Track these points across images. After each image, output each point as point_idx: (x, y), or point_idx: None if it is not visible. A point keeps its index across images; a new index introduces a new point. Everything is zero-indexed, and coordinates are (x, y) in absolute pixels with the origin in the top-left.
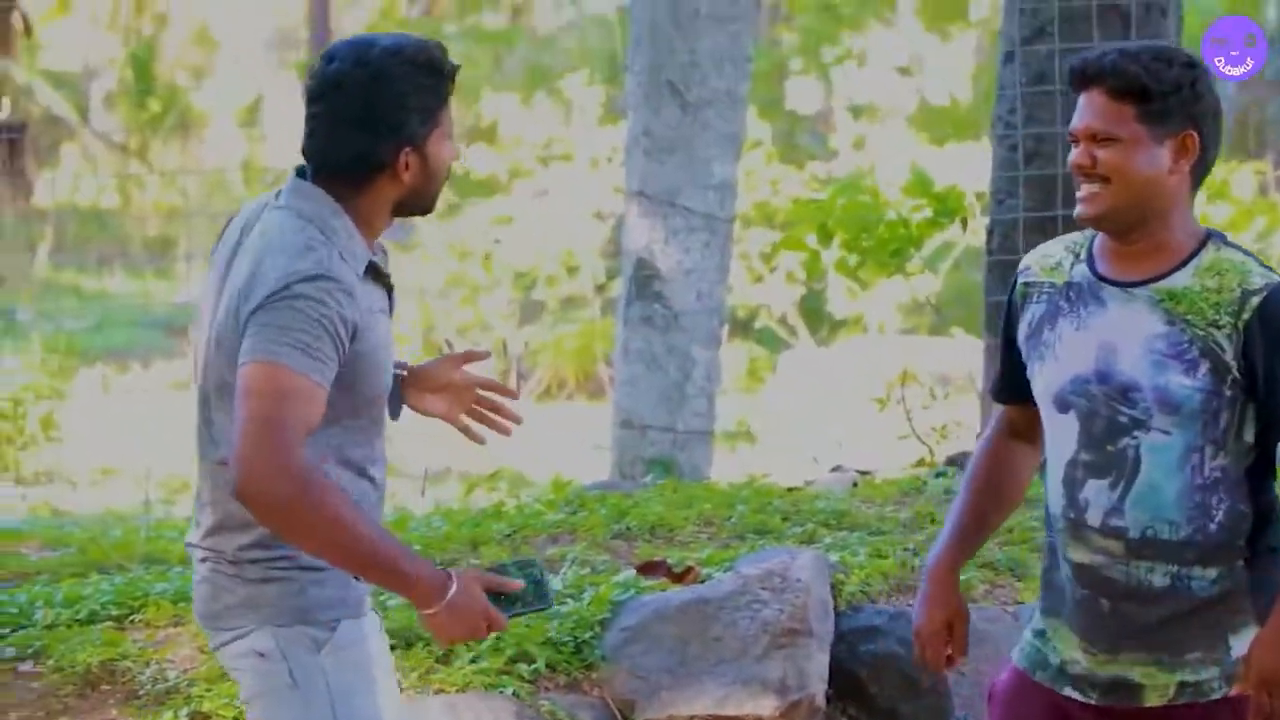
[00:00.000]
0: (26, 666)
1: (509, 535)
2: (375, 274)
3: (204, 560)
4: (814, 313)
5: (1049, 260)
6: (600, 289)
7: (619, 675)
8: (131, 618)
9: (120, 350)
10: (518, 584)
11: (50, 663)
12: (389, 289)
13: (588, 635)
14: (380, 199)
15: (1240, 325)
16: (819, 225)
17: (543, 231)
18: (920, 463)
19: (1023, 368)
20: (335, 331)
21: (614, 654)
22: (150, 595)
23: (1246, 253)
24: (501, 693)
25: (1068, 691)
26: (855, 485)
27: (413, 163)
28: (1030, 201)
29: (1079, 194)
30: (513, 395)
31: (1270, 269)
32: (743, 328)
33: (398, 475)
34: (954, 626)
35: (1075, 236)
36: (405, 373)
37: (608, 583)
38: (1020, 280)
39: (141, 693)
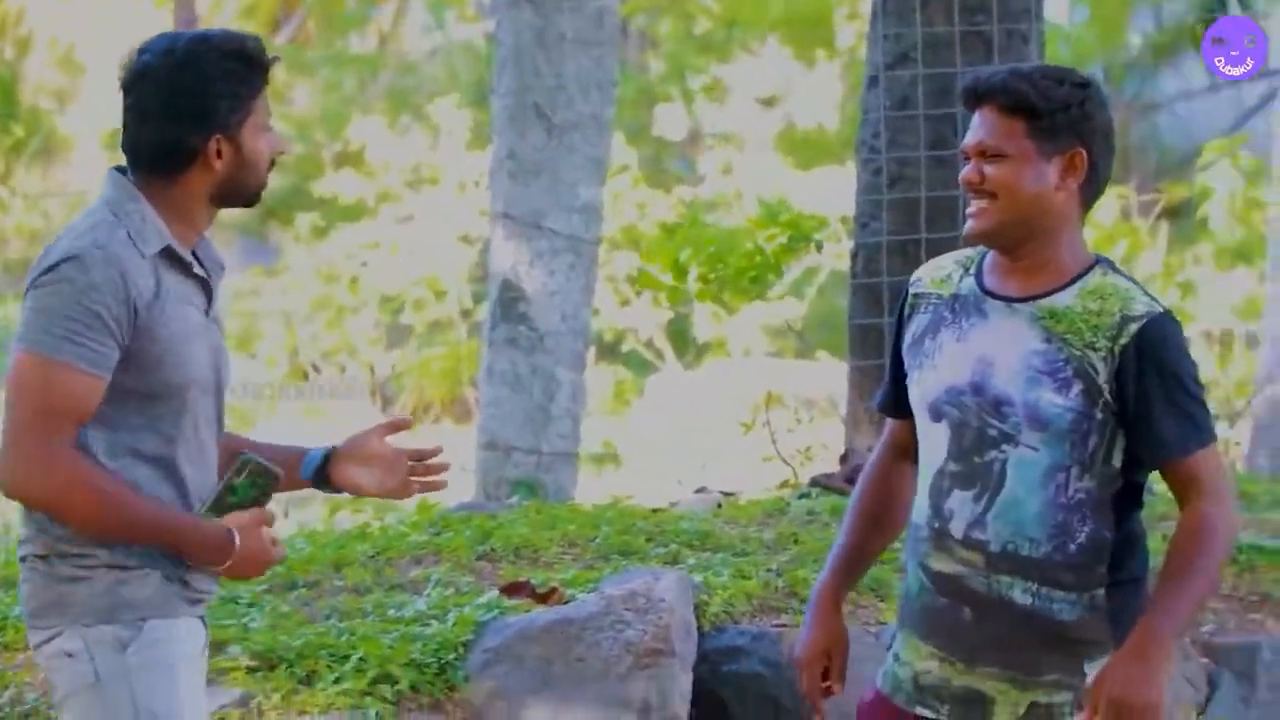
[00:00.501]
0: None
1: (373, 556)
2: (180, 265)
3: (23, 560)
4: (680, 336)
5: (940, 272)
6: (466, 313)
7: (483, 696)
8: None
9: None
10: (269, 511)
11: None
12: (204, 285)
13: (451, 656)
14: (194, 190)
15: (1116, 350)
16: (672, 261)
17: (409, 255)
18: (784, 484)
19: (904, 381)
20: (107, 312)
21: (478, 674)
22: (9, 618)
23: (1133, 281)
24: (365, 714)
25: (919, 710)
26: (719, 507)
27: (225, 151)
28: (894, 225)
29: (968, 210)
30: (437, 452)
31: (1154, 299)
32: (609, 351)
33: None
34: (833, 654)
35: (969, 252)
36: (331, 449)
37: (471, 604)
38: (910, 291)
39: (1, 716)
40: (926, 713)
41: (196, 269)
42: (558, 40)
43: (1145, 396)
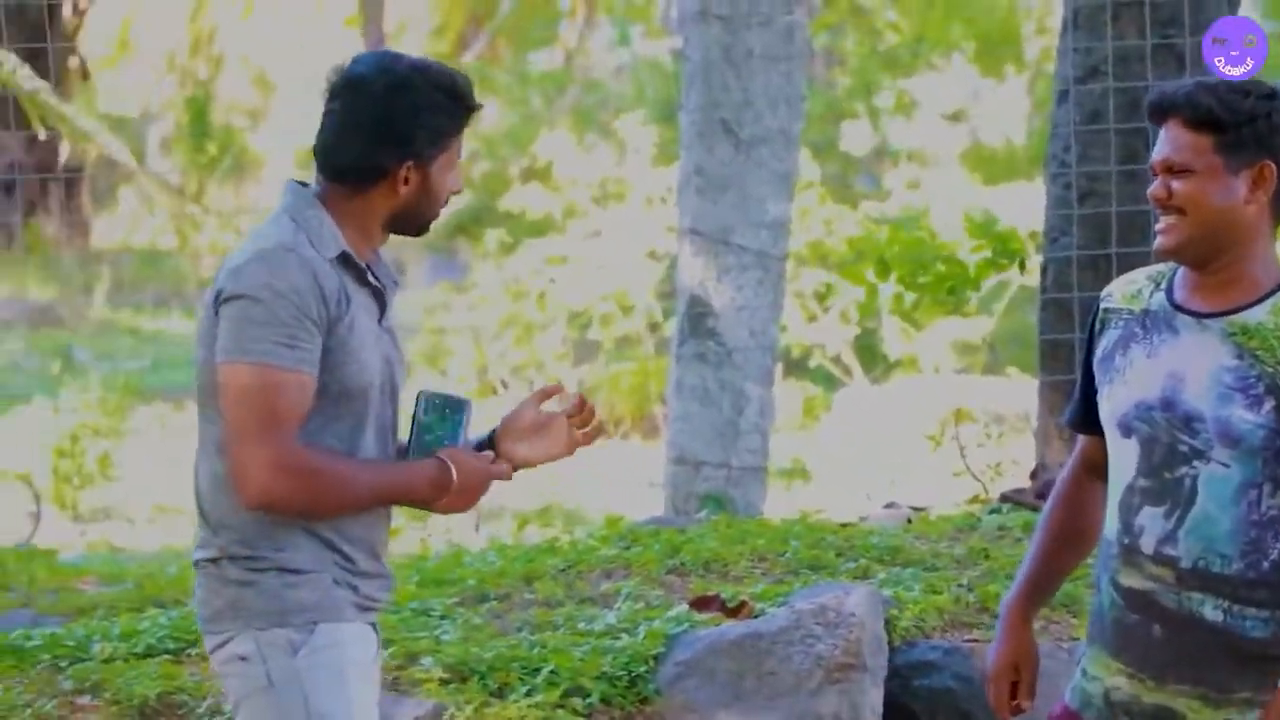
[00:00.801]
0: (84, 700)
1: (563, 570)
2: (355, 272)
3: (197, 565)
4: (868, 352)
5: (1131, 287)
6: (654, 328)
7: (673, 709)
8: (188, 651)
9: (177, 390)
10: (486, 454)
11: (107, 695)
12: (378, 295)
13: (642, 669)
14: (375, 208)
15: None
16: (877, 260)
17: (596, 271)
18: (974, 500)
19: (1094, 397)
20: (311, 311)
21: (668, 688)
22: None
23: None
24: None
25: None
26: (909, 522)
27: (413, 178)
28: (1084, 239)
29: (1157, 226)
30: (585, 402)
31: None
32: (797, 366)
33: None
34: (1022, 669)
35: (1161, 267)
36: (493, 431)
37: (662, 617)
38: (1102, 307)
39: None
40: None
41: (371, 278)
42: (746, 56)
43: None
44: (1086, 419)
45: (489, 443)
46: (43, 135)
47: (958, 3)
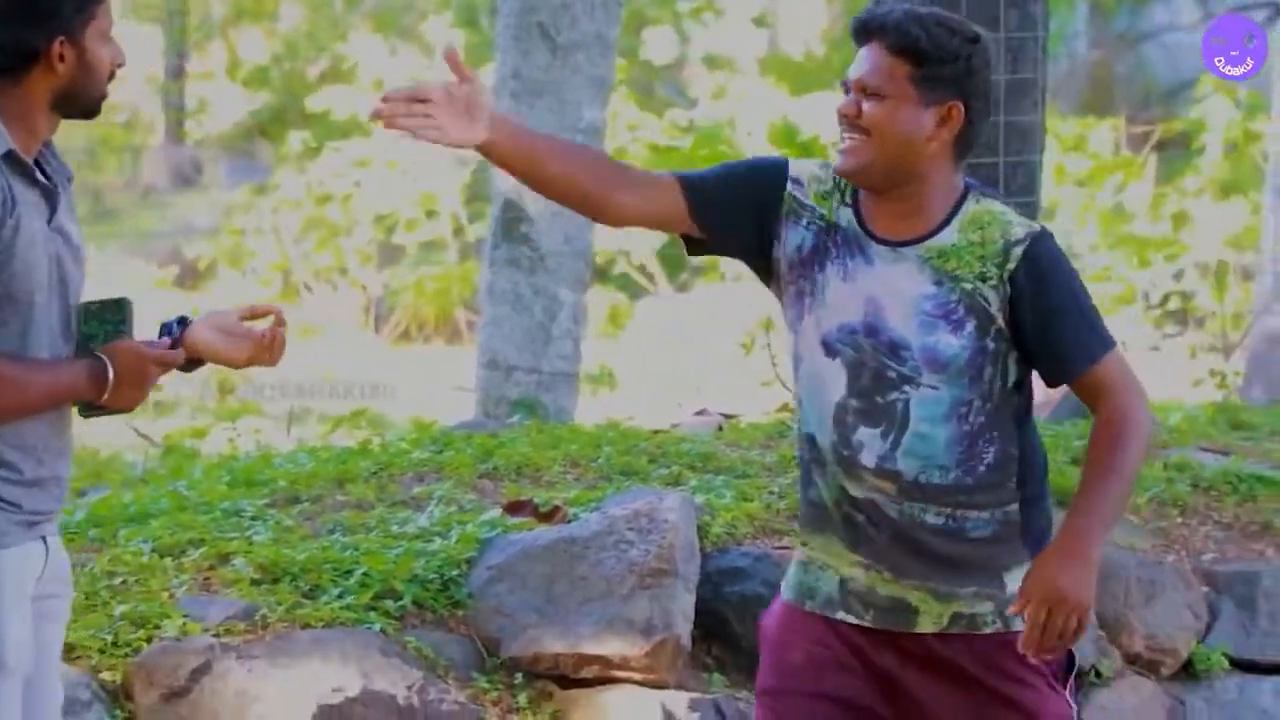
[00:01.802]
0: None
1: (375, 473)
2: (22, 171)
3: None
4: (672, 260)
5: (820, 185)
6: (459, 232)
7: (485, 613)
8: None
9: None
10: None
11: None
12: (48, 194)
13: (454, 573)
14: (35, 94)
15: (1005, 275)
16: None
17: (403, 175)
18: (784, 408)
19: (724, 201)
20: None
21: (480, 592)
22: None
23: (1004, 203)
24: (368, 628)
25: (840, 615)
26: (720, 429)
27: (68, 54)
28: None
29: (840, 145)
30: (280, 324)
31: (1025, 220)
32: (601, 274)
33: (261, 415)
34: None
35: (833, 166)
36: (184, 317)
37: (474, 521)
38: (790, 190)
39: None
40: (849, 618)
41: (38, 176)
42: None
43: (1042, 316)
44: (691, 184)
45: (179, 328)
46: None
47: None
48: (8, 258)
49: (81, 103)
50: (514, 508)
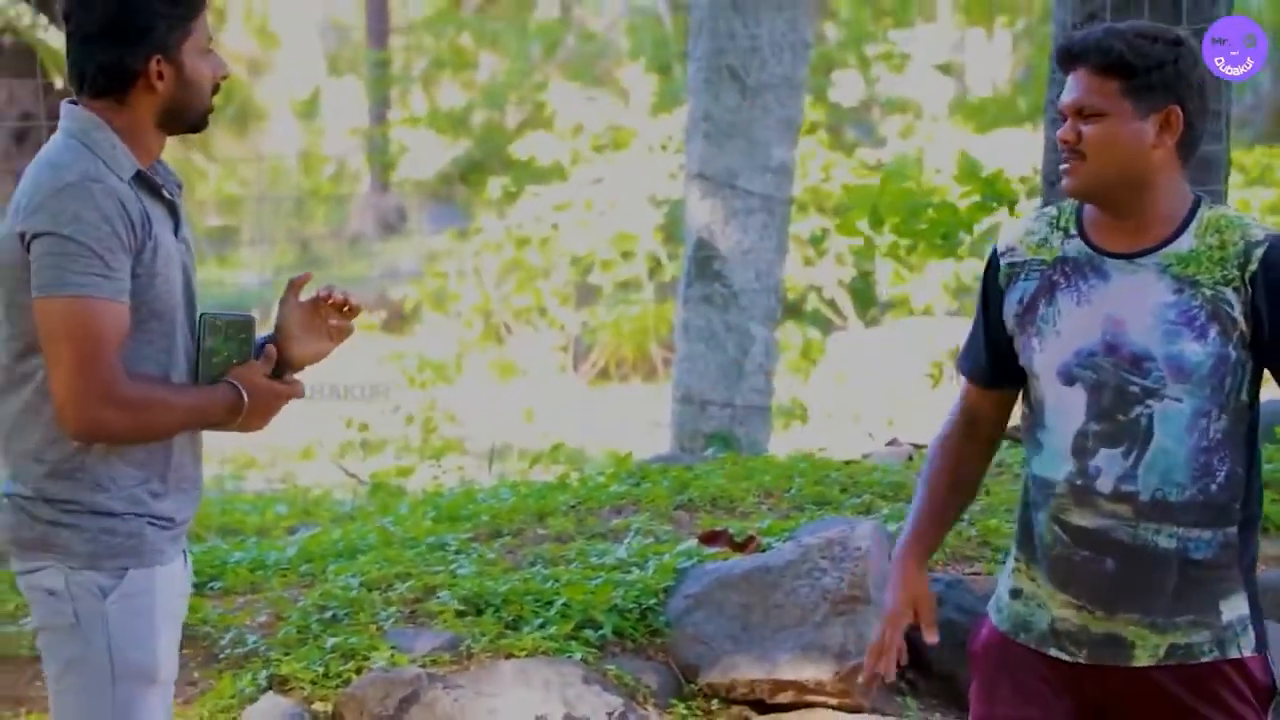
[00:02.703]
0: None
1: (574, 506)
2: (150, 188)
3: (8, 496)
4: (862, 295)
5: (1032, 238)
6: (654, 272)
7: (683, 641)
8: (210, 585)
9: None
10: (269, 357)
11: None
12: (172, 208)
13: (652, 602)
14: (141, 113)
15: (1247, 277)
16: (870, 211)
17: (599, 217)
18: None
19: (1004, 349)
20: (121, 241)
21: (678, 620)
22: (228, 564)
23: (1237, 210)
24: (569, 657)
25: (1053, 652)
26: (910, 459)
27: (166, 72)
28: None
29: (1062, 168)
30: (333, 292)
31: (1262, 224)
32: (792, 310)
33: (464, 453)
34: (920, 610)
35: (1050, 211)
36: (274, 335)
37: (671, 552)
38: (1004, 262)
39: (221, 656)
40: (1062, 656)
41: (165, 192)
42: (753, 4)
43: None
44: (989, 371)
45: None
46: (59, 84)
47: None
48: (150, 277)
49: (186, 118)
50: (709, 538)
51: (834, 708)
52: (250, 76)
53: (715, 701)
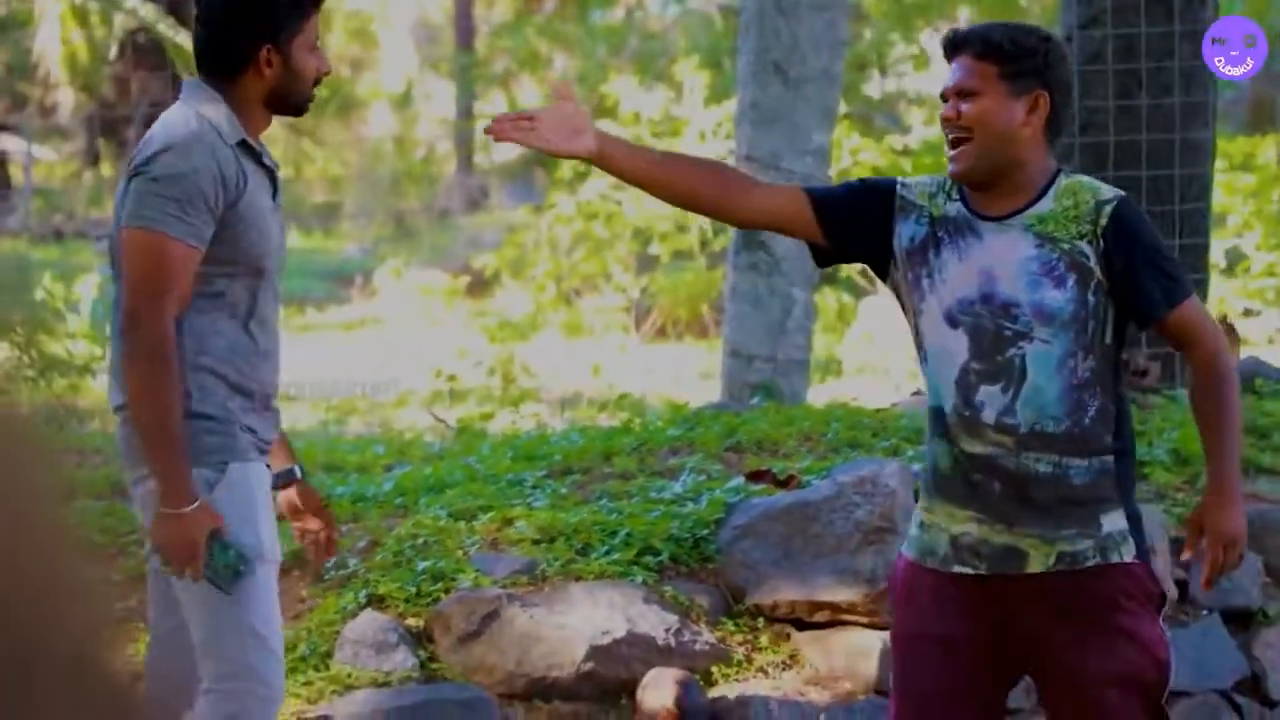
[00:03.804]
0: None
1: (636, 448)
2: (253, 155)
3: (117, 411)
4: None
5: (925, 189)
6: (704, 244)
7: (731, 566)
8: None
9: (296, 295)
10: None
11: None
12: (272, 176)
13: (705, 532)
14: (250, 93)
15: (1099, 231)
16: None
17: None
18: None
19: (847, 224)
20: (207, 192)
21: (727, 548)
22: (332, 496)
23: (1090, 178)
24: (631, 580)
25: (956, 569)
26: None
27: (275, 61)
28: (1085, 165)
29: (949, 153)
30: (331, 532)
31: (1111, 186)
32: (829, 278)
33: (539, 401)
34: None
35: (937, 177)
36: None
37: (722, 488)
38: (899, 192)
39: (326, 577)
40: (965, 570)
41: (266, 160)
42: (794, 6)
43: (1131, 265)
44: (821, 212)
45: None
46: (185, 77)
47: None
48: (244, 226)
49: (289, 102)
50: (755, 476)
51: (864, 625)
52: (352, 72)
53: (760, 619)
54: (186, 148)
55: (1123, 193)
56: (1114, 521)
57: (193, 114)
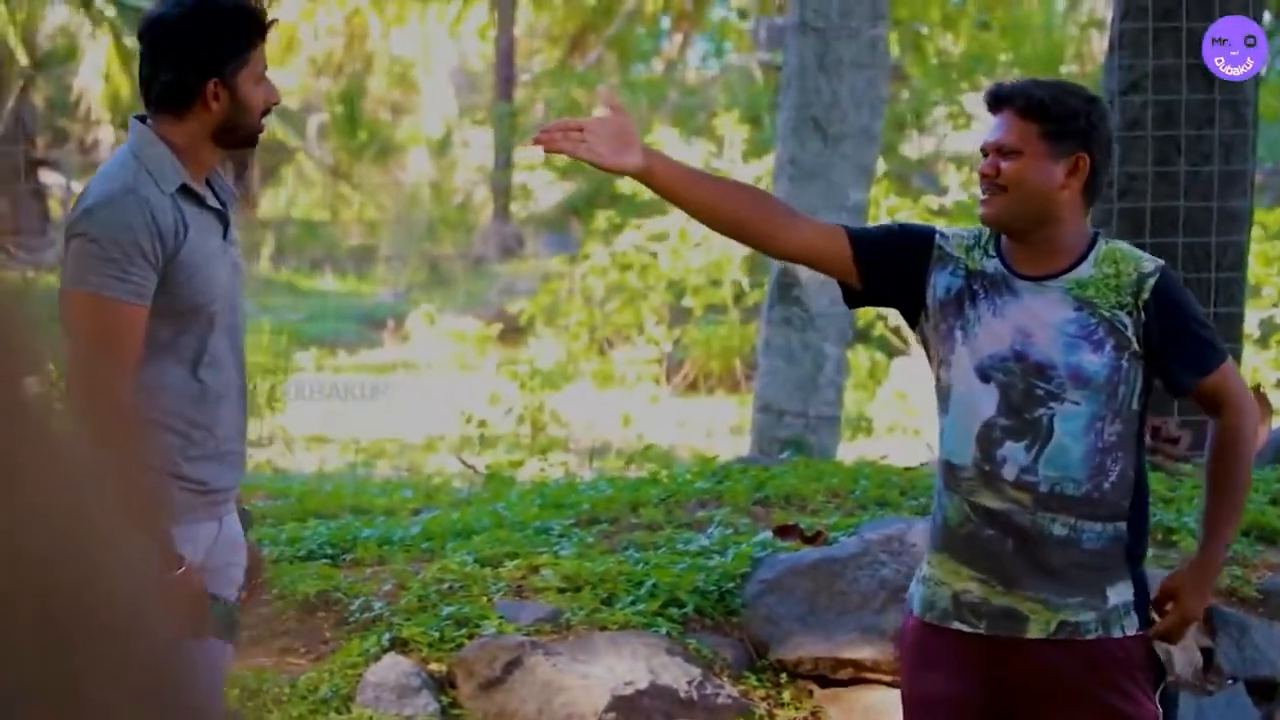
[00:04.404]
0: None
1: (663, 500)
2: (195, 200)
3: None
4: None
5: (962, 242)
6: (739, 298)
7: (756, 620)
8: (343, 556)
9: (328, 337)
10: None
11: (275, 592)
12: (221, 214)
13: (730, 585)
14: (197, 129)
15: (1140, 304)
16: None
17: (693, 248)
18: None
19: (883, 266)
20: (142, 245)
21: (753, 602)
22: (359, 538)
23: (1129, 245)
24: (656, 631)
25: (955, 625)
26: None
27: (222, 95)
28: (1122, 230)
29: (981, 199)
30: (256, 580)
31: (1151, 256)
32: (861, 336)
33: (568, 450)
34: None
35: (976, 230)
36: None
37: (748, 542)
38: (937, 242)
39: (351, 620)
40: (963, 628)
41: (210, 201)
42: (836, 63)
43: (1171, 334)
44: (859, 243)
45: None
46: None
47: (1009, 26)
48: (187, 276)
49: (238, 135)
50: (783, 531)
51: (887, 684)
52: (393, 116)
53: (783, 675)
54: (121, 204)
55: (1163, 263)
56: (1120, 593)
57: (131, 161)
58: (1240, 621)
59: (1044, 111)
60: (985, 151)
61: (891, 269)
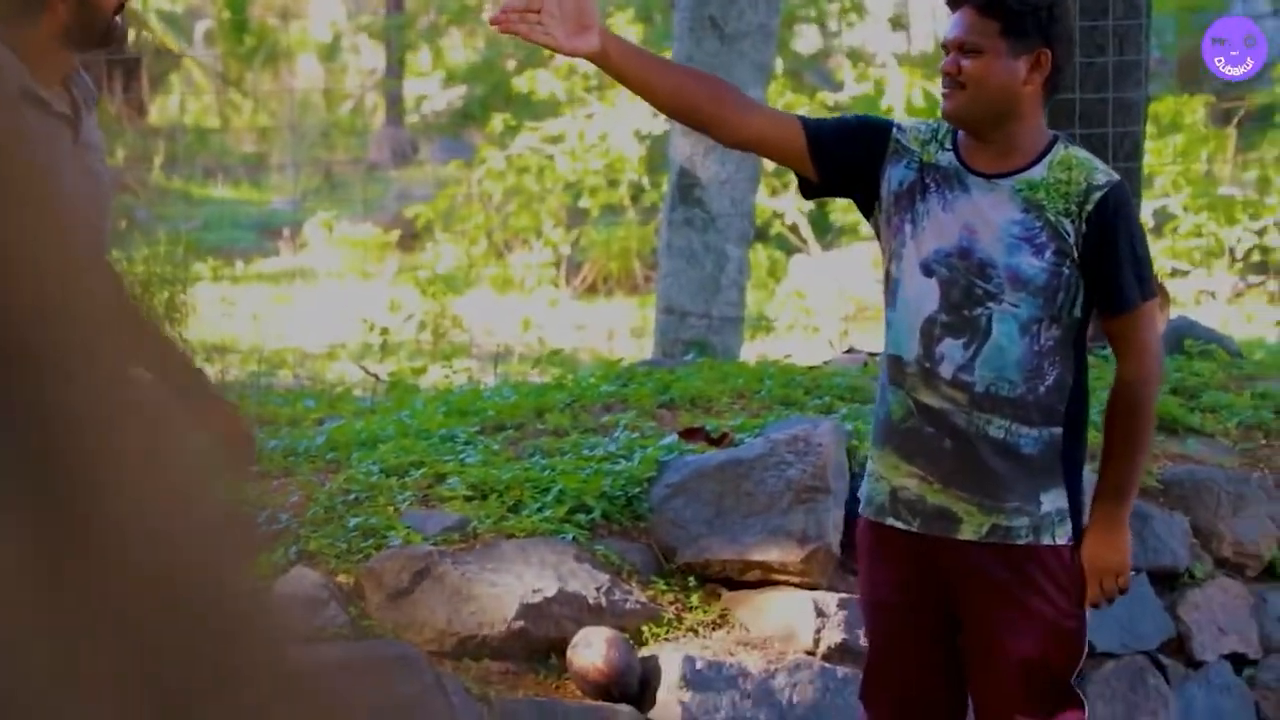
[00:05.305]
0: None
1: (569, 404)
2: (39, 103)
3: None
4: (819, 222)
5: (919, 135)
6: (636, 199)
7: (663, 525)
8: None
9: (224, 246)
10: None
11: None
12: (71, 119)
13: (637, 490)
14: (45, 32)
15: (1084, 214)
16: None
17: (589, 149)
18: None
19: (838, 159)
20: None
21: (659, 506)
22: (263, 450)
23: (1088, 153)
24: (563, 538)
25: (889, 521)
26: (866, 365)
27: None
28: None
29: (943, 93)
30: None
31: (1107, 168)
32: (760, 234)
33: (471, 356)
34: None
35: (934, 124)
36: None
37: (654, 445)
38: (894, 135)
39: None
40: (898, 524)
41: (58, 105)
42: None
43: (1109, 254)
44: (814, 145)
45: None
46: None
47: None
48: None
49: (89, 36)
50: (688, 434)
51: (795, 585)
52: (281, 21)
53: (691, 578)
54: None
55: (1117, 178)
56: (1054, 500)
57: None
58: (1142, 511)
59: (1004, 8)
60: (946, 48)
61: (847, 161)
